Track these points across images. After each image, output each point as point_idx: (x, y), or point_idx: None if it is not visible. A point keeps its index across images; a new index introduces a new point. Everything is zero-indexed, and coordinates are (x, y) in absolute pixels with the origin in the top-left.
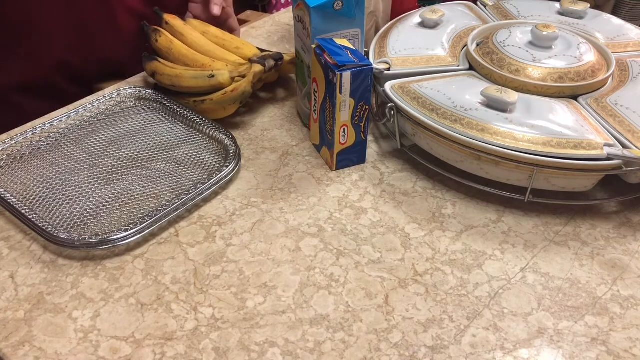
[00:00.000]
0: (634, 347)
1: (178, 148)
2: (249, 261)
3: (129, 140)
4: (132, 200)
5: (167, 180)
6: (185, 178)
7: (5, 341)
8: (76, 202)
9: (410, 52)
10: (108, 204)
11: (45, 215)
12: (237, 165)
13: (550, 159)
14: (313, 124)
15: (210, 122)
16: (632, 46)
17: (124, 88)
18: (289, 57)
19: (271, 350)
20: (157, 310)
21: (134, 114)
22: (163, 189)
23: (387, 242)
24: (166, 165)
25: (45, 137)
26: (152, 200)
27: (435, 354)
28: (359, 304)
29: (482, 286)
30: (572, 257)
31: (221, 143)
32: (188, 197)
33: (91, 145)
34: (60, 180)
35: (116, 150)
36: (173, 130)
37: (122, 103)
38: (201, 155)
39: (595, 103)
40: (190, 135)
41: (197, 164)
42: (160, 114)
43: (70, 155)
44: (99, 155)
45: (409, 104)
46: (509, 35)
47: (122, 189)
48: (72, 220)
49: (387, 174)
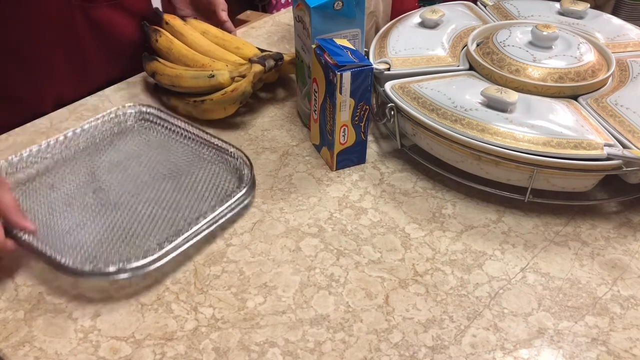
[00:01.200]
0: (634, 347)
1: (187, 170)
2: (249, 261)
3: (134, 162)
4: (144, 227)
5: (177, 206)
6: (196, 201)
7: (5, 341)
8: (83, 227)
9: (410, 52)
10: (117, 229)
11: (51, 242)
12: (252, 186)
13: (550, 159)
14: (313, 124)
15: (217, 139)
16: (632, 46)
17: (124, 106)
18: (289, 57)
19: (271, 351)
20: (157, 310)
21: (137, 134)
22: (174, 214)
23: (387, 242)
24: (175, 189)
25: (43, 159)
26: (164, 228)
27: (436, 354)
28: (359, 304)
29: (482, 286)
30: (572, 257)
31: (232, 163)
32: (205, 221)
33: (94, 166)
34: (64, 205)
35: (122, 171)
36: (179, 150)
37: (123, 123)
38: (213, 177)
39: (595, 103)
40: (198, 155)
41: (209, 186)
42: (164, 133)
43: (72, 177)
44: (103, 178)
45: (409, 104)
46: (509, 35)
47: (130, 214)
48: (80, 247)
49: (387, 174)
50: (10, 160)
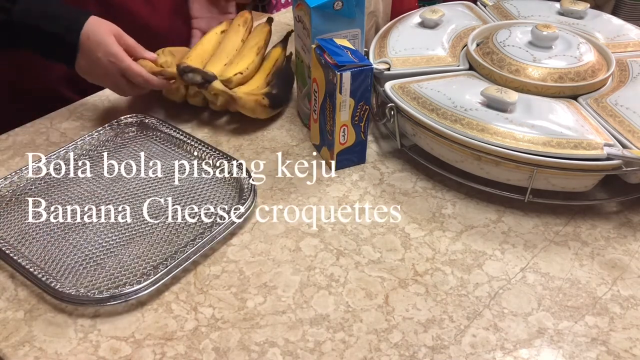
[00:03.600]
0: (634, 347)
1: (188, 183)
2: (249, 261)
3: (134, 176)
4: (143, 245)
5: (179, 221)
6: (198, 217)
7: (5, 341)
8: (80, 249)
9: (410, 52)
10: (116, 250)
11: (47, 266)
12: (253, 201)
13: (550, 159)
14: (313, 124)
15: (218, 152)
16: (632, 46)
17: (125, 117)
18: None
19: (271, 350)
20: (157, 310)
21: (137, 145)
22: (175, 230)
23: (387, 242)
24: (177, 203)
25: (42, 174)
26: (164, 245)
27: (436, 354)
28: (359, 304)
29: (482, 286)
30: (572, 257)
31: (233, 176)
32: (203, 240)
33: (93, 182)
34: (60, 224)
35: (121, 186)
36: (181, 162)
37: (124, 133)
38: (213, 190)
39: (595, 103)
40: (200, 167)
41: (210, 200)
42: (165, 144)
43: (70, 194)
44: (102, 194)
45: (409, 104)
46: (509, 35)
47: (130, 231)
48: (76, 270)
49: (387, 174)
50: (9, 175)
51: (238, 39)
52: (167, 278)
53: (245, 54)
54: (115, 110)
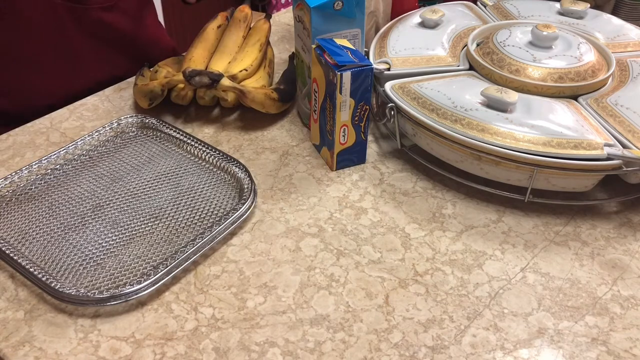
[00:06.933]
0: (634, 347)
1: (188, 183)
2: (249, 261)
3: (135, 176)
4: (143, 245)
5: (179, 221)
6: (198, 218)
7: (5, 341)
8: (80, 249)
9: (410, 52)
10: (116, 250)
11: (47, 266)
12: (253, 201)
13: (550, 159)
14: (313, 124)
15: (219, 152)
16: (632, 46)
17: (125, 117)
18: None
19: (271, 350)
20: (157, 310)
21: (138, 145)
22: (175, 230)
23: (387, 242)
24: (177, 203)
25: (41, 174)
26: (164, 245)
27: (436, 354)
28: (359, 304)
29: (482, 286)
30: (572, 257)
31: (233, 176)
32: (203, 240)
33: (93, 182)
34: (60, 224)
35: (121, 186)
36: (181, 163)
37: (124, 134)
38: (214, 190)
39: (595, 103)
40: (200, 168)
41: (210, 201)
42: (165, 144)
43: (70, 194)
44: (102, 194)
45: (409, 104)
46: (509, 35)
47: (130, 231)
48: (77, 270)
49: (387, 174)
50: (9, 175)
51: (239, 35)
52: (167, 278)
53: (249, 51)
54: (115, 110)
